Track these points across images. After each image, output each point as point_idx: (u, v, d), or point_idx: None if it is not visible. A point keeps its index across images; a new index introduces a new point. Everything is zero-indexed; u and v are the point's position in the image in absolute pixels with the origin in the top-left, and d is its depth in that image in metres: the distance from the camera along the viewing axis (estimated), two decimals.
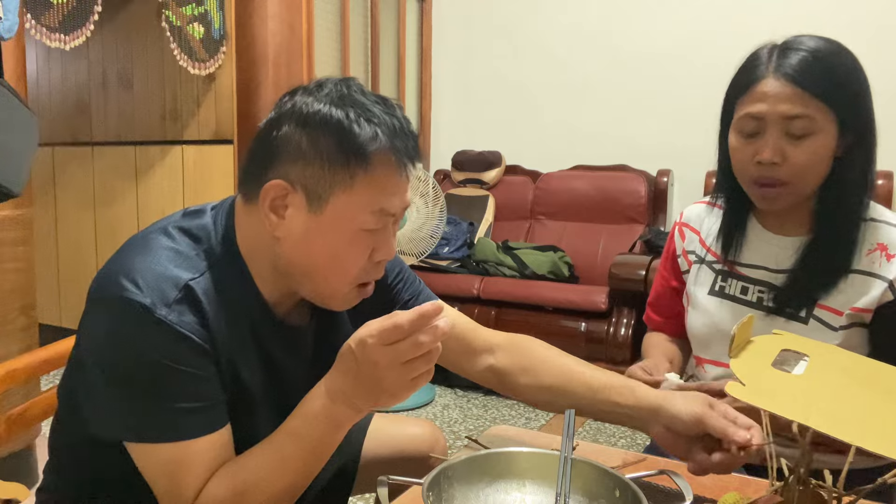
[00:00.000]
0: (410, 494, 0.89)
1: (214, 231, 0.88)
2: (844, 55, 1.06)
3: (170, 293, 0.80)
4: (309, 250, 0.84)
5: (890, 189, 3.13)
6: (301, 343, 0.96)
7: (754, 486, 0.93)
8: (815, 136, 1.03)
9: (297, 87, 0.86)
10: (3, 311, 2.06)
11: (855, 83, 1.05)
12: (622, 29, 3.74)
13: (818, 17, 3.30)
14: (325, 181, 0.81)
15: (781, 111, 1.02)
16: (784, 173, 1.04)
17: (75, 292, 3.64)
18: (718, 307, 1.18)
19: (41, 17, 2.26)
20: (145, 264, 0.82)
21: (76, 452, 0.96)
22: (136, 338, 0.79)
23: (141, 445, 0.81)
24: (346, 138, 0.80)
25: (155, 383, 0.79)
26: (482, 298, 3.26)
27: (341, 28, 3.49)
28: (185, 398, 0.80)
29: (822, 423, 0.65)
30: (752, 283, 1.16)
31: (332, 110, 0.81)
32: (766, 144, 1.04)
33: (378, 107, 0.83)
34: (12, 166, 1.54)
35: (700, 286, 1.22)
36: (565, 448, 0.86)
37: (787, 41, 1.07)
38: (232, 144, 3.08)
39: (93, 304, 0.84)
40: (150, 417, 0.80)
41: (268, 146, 0.84)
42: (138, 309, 0.78)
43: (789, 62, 1.03)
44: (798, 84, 1.01)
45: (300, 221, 0.83)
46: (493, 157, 3.92)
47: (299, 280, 0.87)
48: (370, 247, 0.85)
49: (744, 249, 1.18)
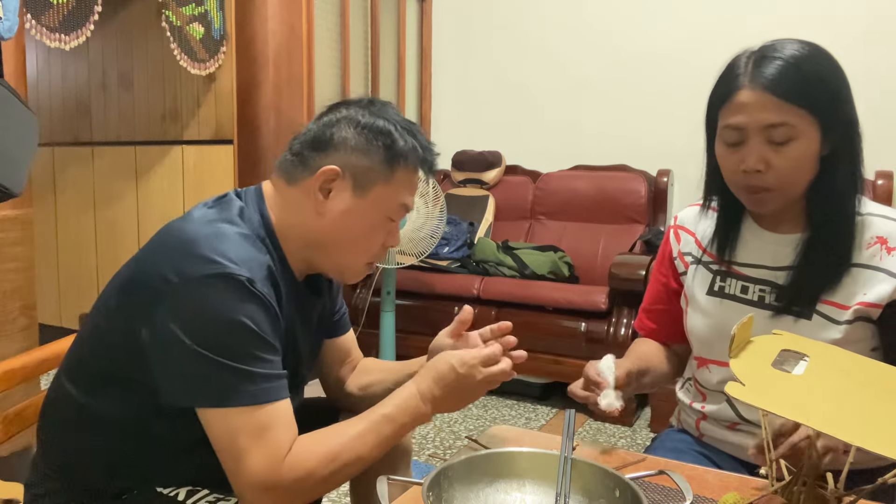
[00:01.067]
0: (410, 494, 0.89)
1: (255, 216, 1.01)
2: (821, 59, 1.05)
3: (259, 272, 0.93)
4: (344, 226, 1.02)
5: (890, 189, 3.13)
6: (309, 315, 1.11)
7: (754, 486, 0.93)
8: (797, 141, 1.03)
9: (347, 100, 1.07)
10: (3, 311, 2.06)
11: (833, 85, 1.05)
12: (622, 29, 3.74)
13: (818, 17, 3.29)
14: (372, 173, 1.01)
15: (761, 120, 1.03)
16: (770, 180, 1.06)
17: (75, 292, 3.64)
18: (719, 307, 1.18)
19: (41, 17, 2.26)
20: (233, 247, 0.92)
21: (74, 436, 1.01)
22: (240, 310, 0.89)
23: (233, 409, 0.89)
24: (394, 144, 1.02)
25: (252, 352, 0.90)
26: (482, 298, 3.26)
27: (341, 28, 3.49)
28: (273, 366, 0.92)
29: (822, 423, 0.65)
30: (752, 283, 1.16)
31: (384, 122, 1.02)
32: (750, 153, 1.05)
33: (413, 126, 1.06)
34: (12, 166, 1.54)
35: (698, 287, 1.22)
36: (565, 448, 0.86)
37: (763, 48, 1.07)
38: (232, 144, 3.07)
39: (189, 285, 0.89)
40: (248, 382, 0.89)
41: (324, 140, 1.02)
42: (244, 283, 0.90)
43: (765, 71, 1.03)
44: (775, 93, 1.02)
45: (343, 202, 1.02)
46: (493, 157, 3.92)
47: (326, 252, 1.04)
48: (386, 233, 1.07)
49: (740, 249, 1.19)
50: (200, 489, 1.00)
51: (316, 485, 0.92)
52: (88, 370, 0.99)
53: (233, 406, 0.88)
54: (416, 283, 3.39)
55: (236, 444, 0.88)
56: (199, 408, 0.90)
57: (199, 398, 0.90)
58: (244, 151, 3.08)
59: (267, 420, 0.89)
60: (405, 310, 3.38)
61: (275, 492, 0.89)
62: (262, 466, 0.88)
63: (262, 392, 0.90)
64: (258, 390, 0.89)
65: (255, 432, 0.88)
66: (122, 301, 0.96)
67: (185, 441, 0.96)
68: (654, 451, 1.26)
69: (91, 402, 0.98)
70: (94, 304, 1.04)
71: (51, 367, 1.16)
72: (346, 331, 1.27)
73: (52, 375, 1.07)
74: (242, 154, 3.08)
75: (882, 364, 0.81)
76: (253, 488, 0.88)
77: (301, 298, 1.07)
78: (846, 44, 3.38)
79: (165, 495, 0.99)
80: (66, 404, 1.01)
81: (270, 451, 0.88)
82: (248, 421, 0.88)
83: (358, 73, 3.67)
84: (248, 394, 0.89)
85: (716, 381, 1.19)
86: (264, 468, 0.88)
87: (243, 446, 0.88)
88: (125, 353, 0.94)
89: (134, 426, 0.98)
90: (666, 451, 1.22)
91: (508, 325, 1.10)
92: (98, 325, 0.99)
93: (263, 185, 1.06)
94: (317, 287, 1.13)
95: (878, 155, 3.32)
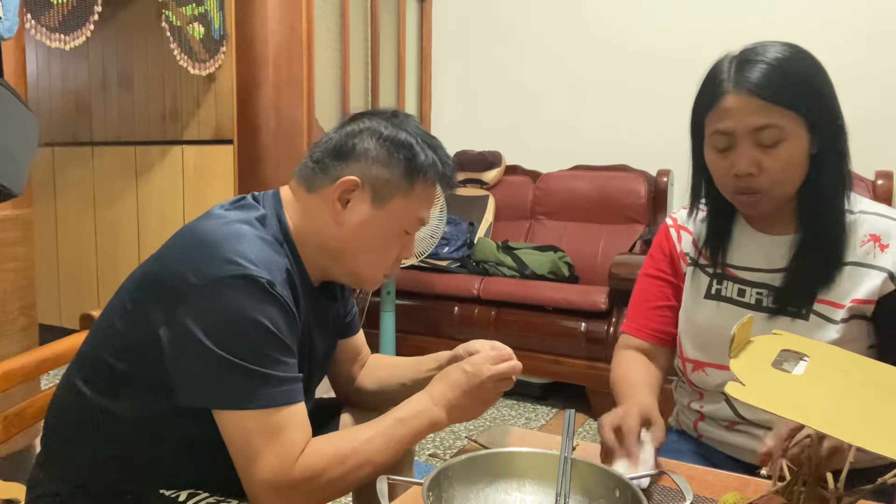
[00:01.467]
0: (410, 494, 0.89)
1: (273, 221, 1.02)
2: (803, 59, 1.06)
3: (279, 275, 0.94)
4: (361, 236, 1.03)
5: (890, 189, 3.13)
6: (325, 319, 1.12)
7: (754, 485, 0.93)
8: (787, 142, 1.04)
9: (370, 110, 1.08)
10: (3, 311, 2.06)
11: (817, 85, 1.05)
12: (622, 29, 3.74)
13: (818, 17, 3.29)
14: (392, 185, 1.02)
15: (748, 124, 1.04)
16: (762, 182, 1.06)
17: (75, 292, 3.64)
18: (716, 310, 1.18)
19: (41, 17, 2.26)
20: (252, 249, 0.93)
21: (84, 436, 1.00)
22: (259, 311, 0.89)
23: (249, 412, 0.89)
24: (416, 158, 1.02)
25: (270, 354, 0.90)
26: (482, 298, 3.26)
27: (341, 28, 3.49)
28: (289, 368, 0.93)
29: (822, 423, 0.65)
30: (748, 285, 1.16)
31: (406, 136, 1.03)
32: (740, 157, 1.05)
33: (434, 141, 1.07)
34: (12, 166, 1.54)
35: (696, 290, 1.22)
36: (565, 448, 0.86)
37: (744, 51, 1.07)
38: (232, 144, 3.07)
39: (210, 286, 0.89)
40: (265, 385, 0.89)
41: (345, 150, 1.02)
42: (264, 285, 0.90)
43: (749, 75, 1.04)
44: (760, 96, 1.02)
45: (361, 213, 1.02)
46: (493, 157, 3.92)
47: (342, 261, 1.05)
48: (401, 246, 1.07)
49: (735, 251, 1.19)
50: (201, 492, 1.00)
51: (326, 486, 0.92)
52: (104, 370, 0.99)
53: (250, 409, 0.89)
54: (416, 283, 3.39)
55: (251, 444, 0.89)
56: (215, 409, 0.91)
57: (217, 400, 0.91)
58: (244, 151, 3.09)
59: (282, 422, 0.90)
60: (405, 310, 3.38)
61: (285, 492, 0.90)
62: (275, 466, 0.89)
63: (279, 395, 0.90)
64: (275, 393, 0.90)
65: (270, 434, 0.89)
66: (140, 300, 0.96)
67: (195, 443, 0.97)
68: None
69: (105, 403, 0.98)
70: (108, 303, 1.03)
71: (51, 367, 1.16)
72: (356, 331, 1.28)
73: (53, 375, 1.07)
74: (242, 154, 3.08)
75: (882, 364, 0.81)
76: (264, 488, 0.89)
77: (317, 302, 1.08)
78: (846, 44, 3.39)
79: (167, 496, 0.99)
80: (77, 404, 1.00)
81: (283, 452, 0.89)
82: (264, 423, 0.89)
83: (358, 73, 3.66)
84: (265, 396, 0.89)
85: (714, 384, 1.19)
86: (276, 468, 0.89)
87: (258, 447, 0.89)
88: (142, 352, 0.94)
89: (146, 427, 0.98)
90: (663, 452, 1.22)
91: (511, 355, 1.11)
92: (114, 324, 0.99)
93: (281, 190, 1.07)
94: (332, 292, 1.14)
95: (878, 155, 3.33)
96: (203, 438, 0.93)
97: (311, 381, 1.12)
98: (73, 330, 1.25)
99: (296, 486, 0.90)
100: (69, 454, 1.02)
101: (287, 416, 0.91)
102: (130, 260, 3.39)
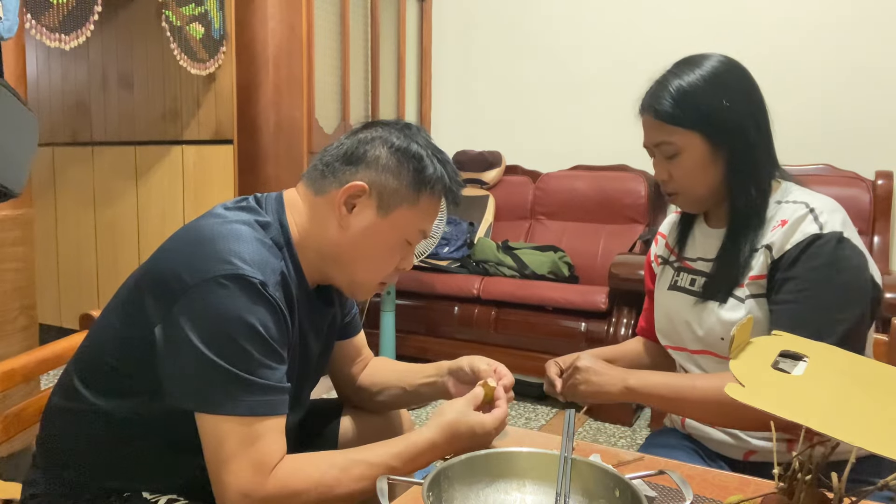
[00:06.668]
0: (410, 494, 0.89)
1: (274, 223, 1.02)
2: (705, 79, 1.16)
3: (272, 277, 0.94)
4: (363, 243, 1.03)
5: (890, 189, 3.13)
6: (319, 324, 1.12)
7: (754, 486, 0.93)
8: (682, 154, 1.18)
9: (382, 120, 1.09)
10: (3, 311, 2.06)
11: (711, 101, 1.15)
12: (622, 29, 3.74)
13: (818, 17, 3.29)
14: (398, 195, 1.02)
15: (651, 140, 1.22)
16: (674, 187, 1.23)
17: (75, 292, 3.64)
18: (673, 299, 1.30)
19: (41, 17, 2.26)
20: (248, 250, 0.93)
21: (79, 436, 1.00)
22: (251, 312, 0.89)
23: (227, 417, 0.88)
24: (424, 170, 1.03)
25: (257, 358, 0.89)
26: (482, 298, 3.26)
27: (341, 28, 3.49)
28: (275, 375, 0.92)
29: (822, 424, 0.65)
30: (695, 274, 1.27)
31: (417, 147, 1.04)
32: (655, 167, 1.24)
33: (443, 155, 1.07)
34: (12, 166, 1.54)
35: (663, 283, 1.34)
36: (565, 448, 0.86)
37: (663, 74, 1.22)
38: (232, 144, 3.07)
39: (202, 285, 0.89)
40: (247, 393, 0.89)
41: (356, 156, 1.03)
42: (256, 285, 0.90)
43: (650, 100, 1.20)
44: (655, 116, 1.19)
45: (365, 219, 1.03)
46: (493, 157, 3.92)
47: (341, 266, 1.05)
48: (400, 256, 1.08)
49: (690, 244, 1.32)
50: (181, 499, 0.99)
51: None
52: (103, 371, 0.99)
53: (229, 414, 0.88)
54: (416, 283, 3.39)
55: (224, 449, 0.88)
56: (197, 412, 0.90)
57: (199, 402, 0.90)
58: (244, 151, 3.09)
59: (260, 432, 0.89)
60: (405, 310, 3.38)
61: (254, 502, 0.88)
62: (247, 474, 0.87)
63: (259, 405, 0.89)
64: (256, 402, 0.89)
65: (246, 442, 0.88)
66: (138, 298, 0.96)
67: (181, 447, 0.96)
68: (652, 450, 1.27)
69: (101, 402, 0.98)
70: (107, 304, 1.03)
71: (51, 367, 1.16)
72: (357, 332, 1.28)
73: (53, 375, 1.07)
74: (242, 154, 3.08)
75: (882, 364, 0.81)
76: (235, 496, 0.88)
77: (312, 307, 1.07)
78: (847, 45, 3.39)
79: (148, 500, 0.98)
80: (75, 405, 1.00)
81: (257, 461, 0.88)
82: (240, 430, 0.88)
83: (358, 73, 3.66)
84: (246, 404, 0.88)
85: (678, 366, 1.30)
86: (248, 476, 0.87)
87: (230, 452, 0.88)
88: (140, 351, 0.93)
89: (137, 427, 0.97)
90: (657, 447, 1.28)
91: (512, 382, 1.11)
92: (112, 323, 0.99)
93: (285, 193, 1.07)
94: (328, 297, 1.13)
95: (878, 155, 3.34)
96: (189, 444, 0.92)
97: (303, 384, 1.11)
98: (73, 330, 1.25)
99: (267, 499, 0.88)
100: (64, 454, 1.02)
101: (266, 428, 0.90)
102: (130, 260, 3.39)
